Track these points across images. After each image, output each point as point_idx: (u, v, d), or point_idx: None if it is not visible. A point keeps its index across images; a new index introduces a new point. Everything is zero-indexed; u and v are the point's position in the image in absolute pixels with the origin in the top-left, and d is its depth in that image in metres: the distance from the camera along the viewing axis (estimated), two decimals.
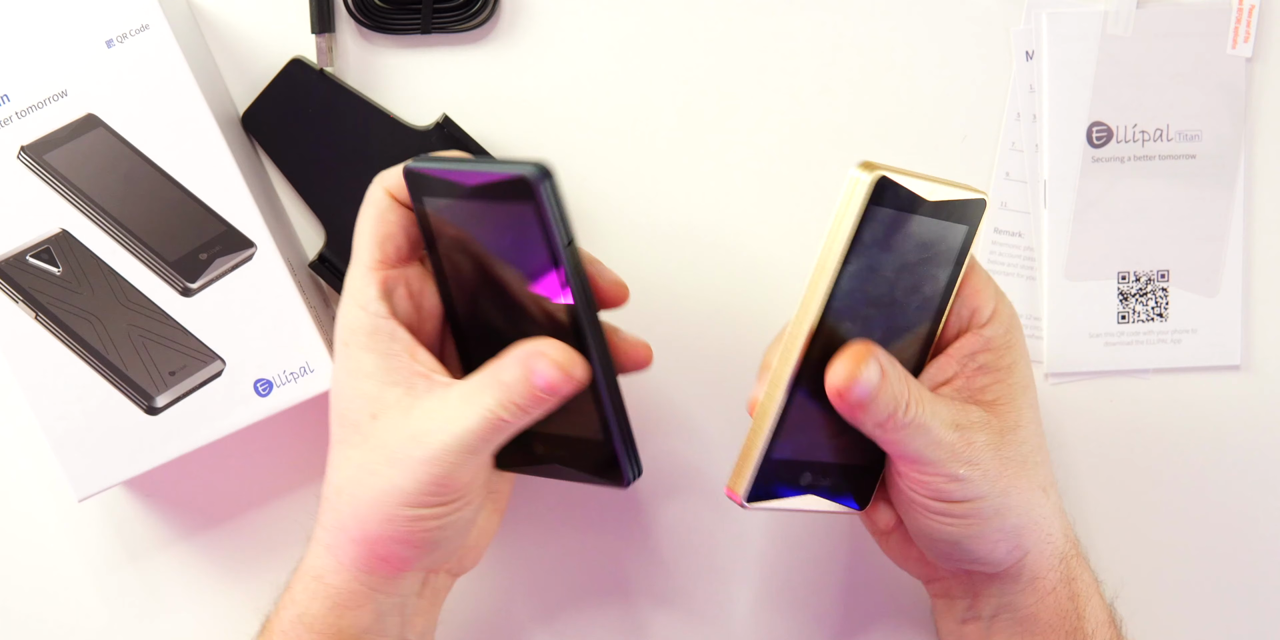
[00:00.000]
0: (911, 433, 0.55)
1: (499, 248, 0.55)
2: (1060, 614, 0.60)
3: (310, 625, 0.58)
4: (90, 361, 0.62)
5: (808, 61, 0.68)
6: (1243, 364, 0.69)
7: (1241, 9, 0.68)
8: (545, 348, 0.55)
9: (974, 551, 0.58)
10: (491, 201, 0.54)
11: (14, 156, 0.61)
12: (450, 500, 0.56)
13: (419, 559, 0.57)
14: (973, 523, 0.57)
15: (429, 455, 0.55)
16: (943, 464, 0.55)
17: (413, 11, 0.66)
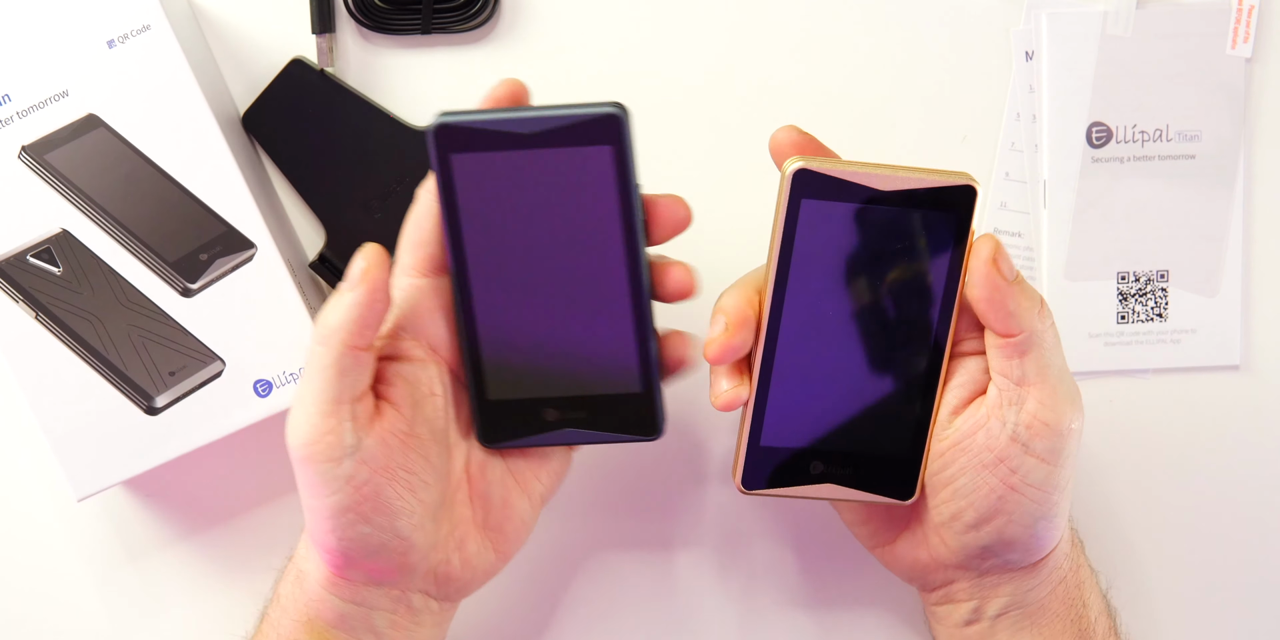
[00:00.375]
0: (1057, 340, 0.56)
1: (552, 196, 0.55)
2: (1068, 603, 0.60)
3: (285, 608, 0.59)
4: (90, 361, 0.62)
5: (808, 61, 0.68)
6: (1242, 364, 0.69)
7: (1241, 9, 0.68)
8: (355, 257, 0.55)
9: (1040, 534, 0.57)
10: (555, 148, 0.54)
11: (15, 156, 0.61)
12: (327, 486, 0.55)
13: (345, 565, 0.57)
14: (1053, 498, 0.56)
15: (288, 432, 0.55)
16: (1071, 401, 0.56)
17: (413, 12, 0.66)
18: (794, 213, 0.55)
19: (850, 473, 0.58)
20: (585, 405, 0.58)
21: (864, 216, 0.55)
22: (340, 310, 0.54)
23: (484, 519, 0.59)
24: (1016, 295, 0.55)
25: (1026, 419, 0.56)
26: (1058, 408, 0.56)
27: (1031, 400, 0.56)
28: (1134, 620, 0.69)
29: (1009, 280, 0.55)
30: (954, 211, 0.55)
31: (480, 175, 0.55)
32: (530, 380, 0.57)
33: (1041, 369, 0.56)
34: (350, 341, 0.54)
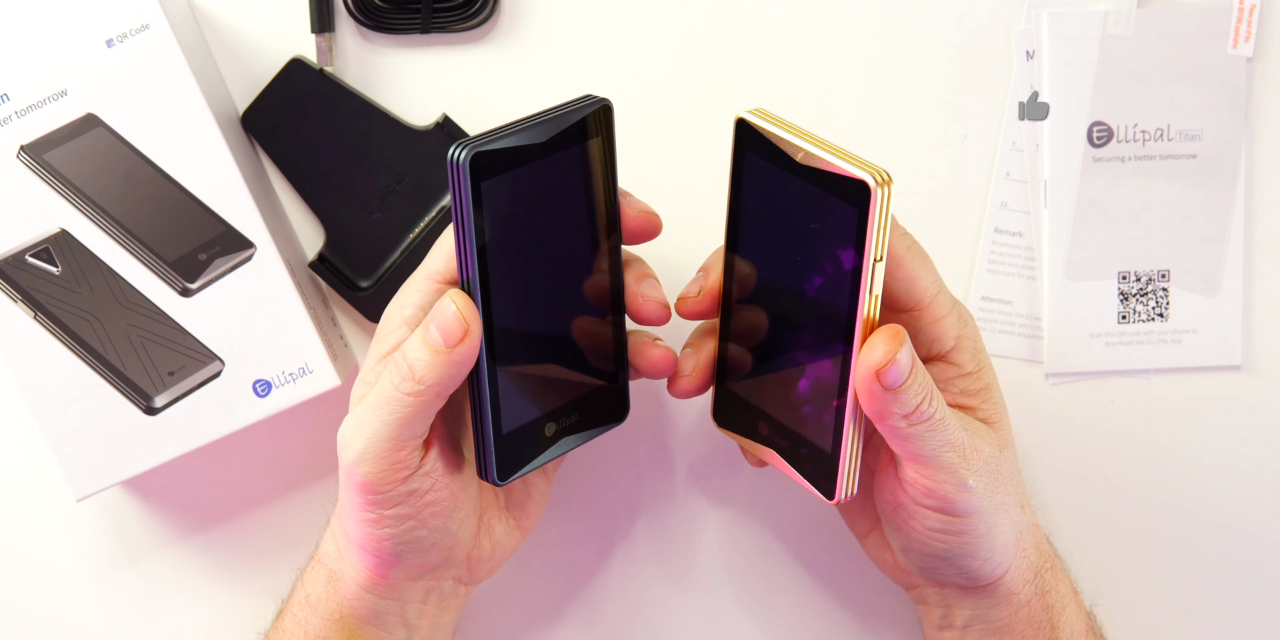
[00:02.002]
0: (932, 428, 0.53)
1: (553, 202, 0.55)
2: (1034, 626, 0.60)
3: (314, 607, 0.60)
4: (89, 361, 0.62)
5: (808, 61, 0.68)
6: (1243, 364, 0.69)
7: (1242, 9, 0.68)
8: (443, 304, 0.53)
9: (963, 567, 0.57)
10: (562, 151, 0.54)
11: (13, 156, 0.61)
12: (390, 502, 0.55)
13: (394, 565, 0.57)
14: (967, 540, 0.56)
15: (349, 461, 0.55)
16: (955, 469, 0.54)
17: (413, 11, 0.66)
18: (741, 162, 0.55)
19: (788, 449, 0.57)
20: (574, 410, 0.58)
21: (790, 187, 0.53)
22: (438, 368, 0.53)
23: (506, 500, 0.61)
24: (889, 404, 0.52)
25: (909, 481, 0.55)
26: (936, 478, 0.54)
27: (909, 471, 0.55)
28: (1132, 621, 0.68)
29: (889, 390, 0.52)
30: (855, 207, 0.51)
31: (503, 194, 0.53)
32: (533, 400, 0.57)
33: (913, 452, 0.54)
34: (443, 395, 0.54)
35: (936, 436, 0.54)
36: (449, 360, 0.53)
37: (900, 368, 0.52)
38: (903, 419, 0.53)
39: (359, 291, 0.66)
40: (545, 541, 0.69)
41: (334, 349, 0.64)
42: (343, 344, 0.67)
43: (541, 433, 0.58)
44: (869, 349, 0.52)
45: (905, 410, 0.52)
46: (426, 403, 0.54)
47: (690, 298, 0.58)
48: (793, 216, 0.54)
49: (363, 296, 0.66)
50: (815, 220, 0.53)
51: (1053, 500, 0.69)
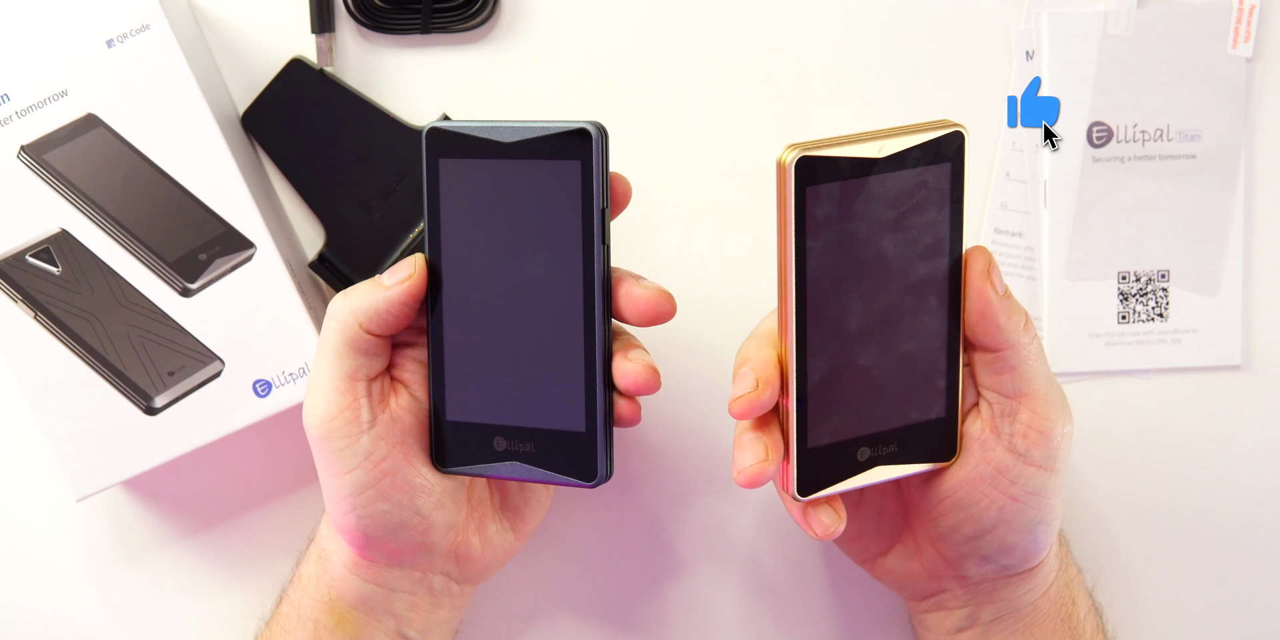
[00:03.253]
0: (1040, 350, 0.56)
1: (523, 209, 0.55)
2: (1059, 602, 0.60)
3: (306, 588, 0.60)
4: (89, 361, 0.62)
5: (808, 61, 0.68)
6: (1243, 364, 0.69)
7: (1242, 9, 0.68)
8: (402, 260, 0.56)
9: (1034, 539, 0.57)
10: (531, 159, 0.55)
11: (14, 156, 0.61)
12: (346, 461, 0.56)
13: (366, 544, 0.57)
14: (1051, 501, 0.57)
15: (305, 411, 0.57)
16: (1063, 405, 0.56)
17: (412, 11, 0.66)
18: (804, 201, 0.52)
19: (894, 451, 0.57)
20: (530, 438, 0.57)
21: (875, 189, 0.53)
22: (368, 298, 0.56)
23: (502, 501, 0.61)
24: (1006, 310, 0.55)
25: (1021, 430, 0.56)
26: (1050, 416, 0.56)
27: (1024, 411, 0.56)
28: (1131, 620, 0.68)
29: (1000, 295, 0.55)
30: (950, 160, 0.54)
31: (463, 180, 0.56)
32: (486, 404, 0.57)
33: (1030, 380, 0.55)
34: (367, 326, 0.56)
35: (1045, 364, 0.56)
36: (383, 294, 0.56)
37: (1000, 273, 0.55)
38: (1024, 332, 0.55)
39: None
40: (549, 546, 0.69)
41: None
42: None
43: (490, 443, 0.57)
44: (973, 263, 0.55)
45: (1021, 319, 0.55)
46: (350, 330, 0.55)
47: (749, 393, 0.53)
48: (880, 219, 0.54)
49: None
50: (906, 204, 0.54)
51: None
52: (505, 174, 0.55)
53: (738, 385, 0.54)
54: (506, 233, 0.56)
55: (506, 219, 0.56)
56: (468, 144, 0.55)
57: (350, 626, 0.59)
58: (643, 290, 0.55)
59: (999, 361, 0.55)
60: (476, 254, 0.56)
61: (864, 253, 0.54)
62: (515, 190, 0.55)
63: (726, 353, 0.67)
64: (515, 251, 0.56)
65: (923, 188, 0.54)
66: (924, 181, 0.54)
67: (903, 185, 0.54)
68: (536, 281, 0.56)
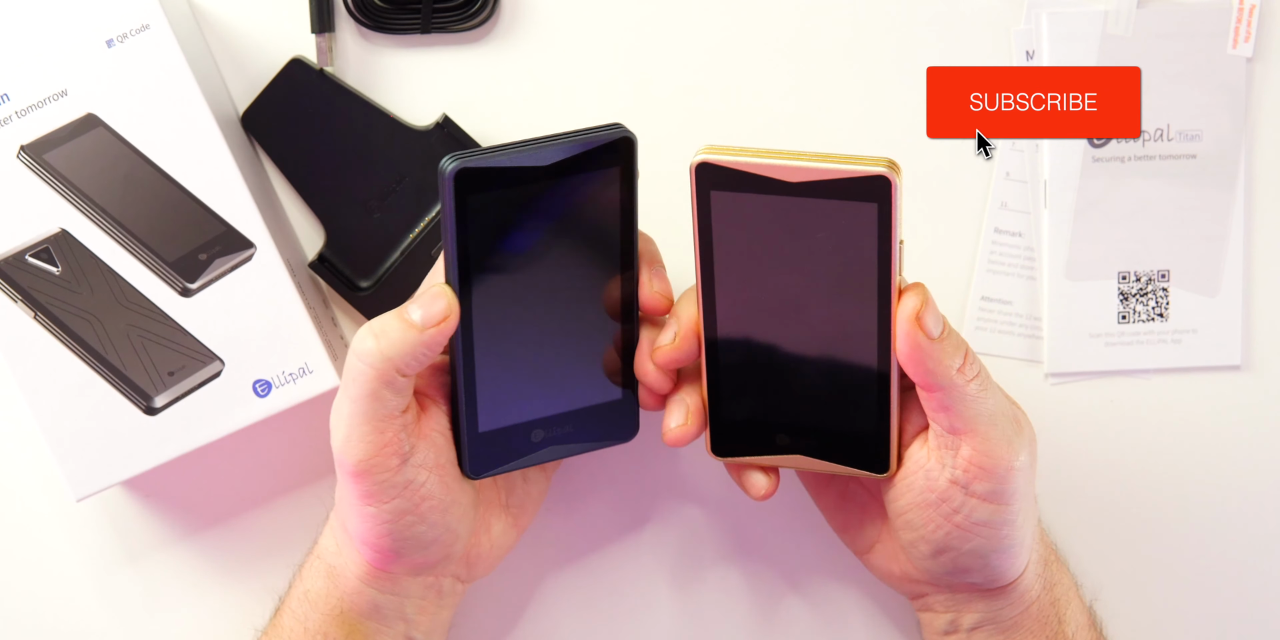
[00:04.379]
0: (984, 387, 0.54)
1: (559, 223, 0.56)
2: (1042, 621, 0.60)
3: (314, 603, 0.60)
4: (89, 361, 0.62)
5: (808, 61, 0.68)
6: (1243, 364, 0.69)
7: (1242, 9, 0.68)
8: (432, 291, 0.55)
9: (993, 565, 0.57)
10: (567, 177, 0.55)
11: (14, 156, 0.61)
12: (387, 494, 0.55)
13: (394, 561, 0.58)
14: (1006, 532, 0.56)
15: (337, 446, 0.56)
16: (1010, 441, 0.55)
17: (413, 11, 0.66)
18: (705, 206, 0.54)
19: (819, 446, 0.58)
20: (570, 421, 0.59)
21: (776, 208, 0.54)
22: (404, 343, 0.54)
23: (506, 498, 0.61)
24: (937, 353, 0.53)
25: (963, 463, 0.55)
26: (992, 452, 0.55)
27: (965, 447, 0.55)
28: (1132, 620, 0.68)
29: (932, 338, 0.53)
30: (875, 202, 0.53)
31: (492, 210, 0.54)
32: (520, 405, 0.58)
33: (969, 419, 0.54)
34: (403, 371, 0.55)
35: (990, 399, 0.54)
36: (419, 339, 0.54)
37: (935, 313, 0.53)
38: (958, 374, 0.54)
39: (359, 291, 0.66)
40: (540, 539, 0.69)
41: (334, 349, 0.64)
42: (343, 344, 0.67)
43: (526, 439, 0.58)
44: (903, 305, 0.53)
45: (956, 361, 0.54)
46: (386, 376, 0.54)
47: (666, 345, 0.57)
48: (789, 234, 0.54)
49: (363, 296, 0.66)
50: (822, 229, 0.54)
51: (1052, 500, 0.69)
52: (539, 195, 0.55)
53: (662, 335, 0.57)
54: (535, 243, 0.56)
55: (535, 232, 0.56)
56: (499, 177, 0.54)
57: (360, 636, 0.59)
58: (649, 289, 0.58)
59: (933, 400, 0.55)
60: (502, 268, 0.56)
61: (780, 267, 0.55)
62: (549, 204, 0.55)
63: None
64: (544, 256, 0.56)
65: (844, 221, 0.53)
66: (847, 216, 0.53)
67: (819, 215, 0.53)
68: (569, 278, 0.57)
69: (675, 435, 0.58)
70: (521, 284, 0.56)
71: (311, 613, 0.60)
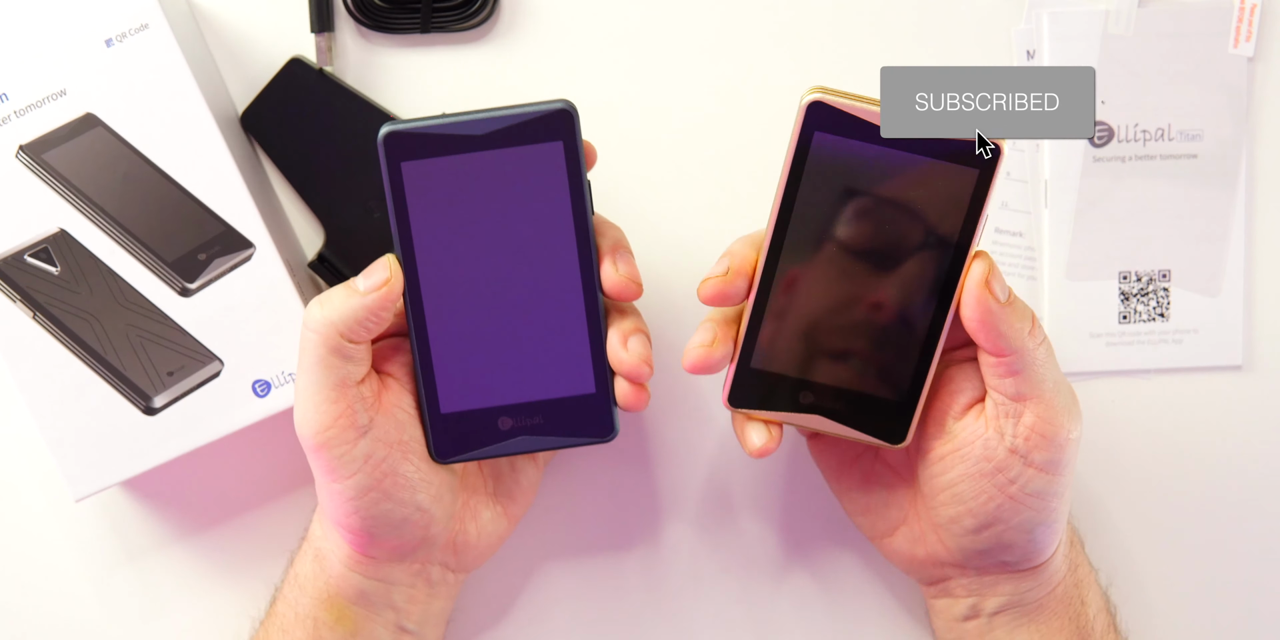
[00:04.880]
0: (1049, 353, 0.55)
1: (504, 199, 0.56)
2: (1066, 601, 0.60)
3: (303, 587, 0.60)
4: (88, 361, 0.61)
5: (808, 61, 0.68)
6: (1244, 364, 0.69)
7: (1243, 8, 0.68)
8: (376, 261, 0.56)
9: (1034, 541, 0.57)
10: (506, 148, 0.55)
11: (13, 156, 0.61)
12: (347, 467, 0.55)
13: (370, 543, 0.58)
14: (1055, 504, 0.57)
15: (297, 421, 0.56)
16: (1070, 410, 0.56)
17: (412, 11, 0.66)
18: (804, 146, 0.55)
19: (841, 409, 0.58)
20: (538, 411, 0.58)
21: (872, 158, 0.55)
22: (346, 306, 0.55)
23: (495, 487, 0.61)
24: (1008, 317, 0.54)
25: (1024, 432, 0.56)
26: (1055, 420, 0.55)
27: (1029, 413, 0.55)
28: (1134, 619, 0.68)
29: (1001, 302, 0.54)
30: (978, 168, 0.54)
31: (431, 180, 0.55)
32: (484, 389, 0.58)
33: (1036, 384, 0.55)
34: (347, 335, 0.55)
35: (1054, 367, 0.55)
36: (360, 302, 0.55)
37: (1001, 279, 0.54)
38: (1029, 337, 0.54)
39: None
40: (540, 533, 0.69)
41: None
42: None
43: (494, 425, 0.58)
44: (972, 271, 0.54)
45: (1025, 324, 0.54)
46: (332, 341, 0.55)
47: (716, 278, 0.56)
48: (885, 187, 0.55)
49: None
50: (921, 187, 0.54)
51: None
52: (481, 165, 0.55)
53: (713, 268, 0.56)
54: (484, 222, 0.56)
55: (484, 211, 0.56)
56: (433, 144, 0.55)
57: (350, 622, 0.59)
58: (614, 274, 0.57)
59: (1003, 366, 0.55)
60: (453, 247, 0.56)
61: (861, 218, 0.55)
62: (493, 181, 0.55)
63: None
64: (497, 237, 0.56)
65: (943, 182, 0.55)
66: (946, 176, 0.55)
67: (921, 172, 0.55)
68: (526, 262, 0.56)
69: (695, 355, 0.56)
70: (474, 260, 0.56)
71: (301, 596, 0.60)
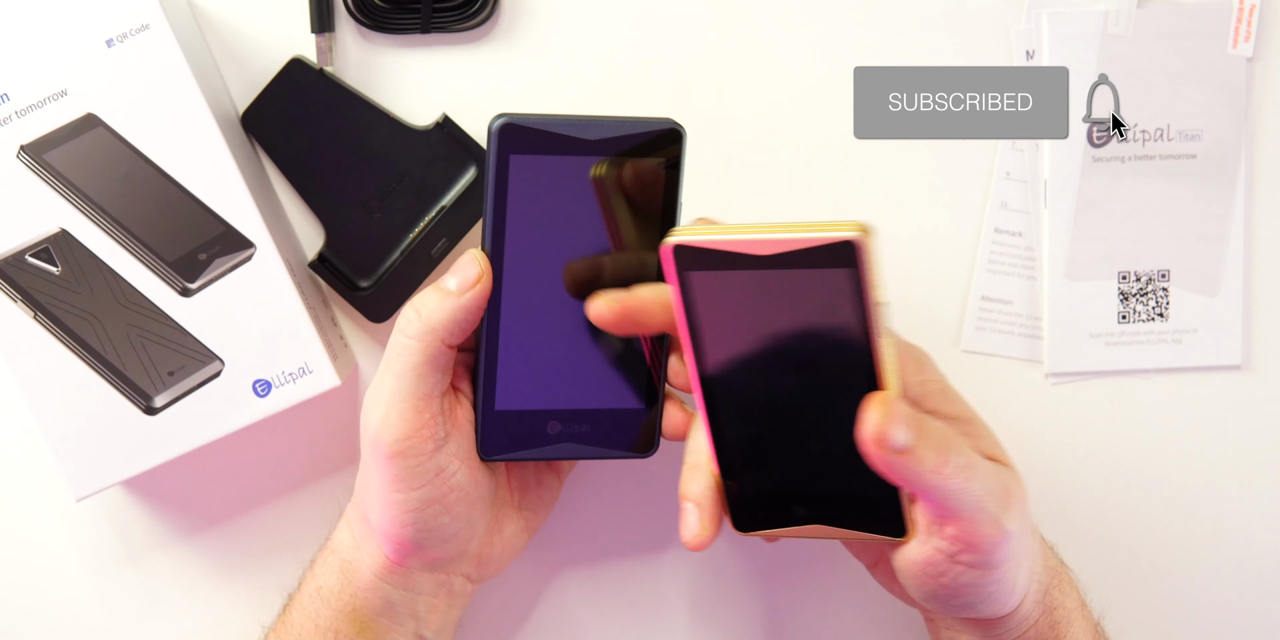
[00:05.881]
0: (970, 477, 0.52)
1: (595, 205, 0.56)
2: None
3: (326, 599, 0.60)
4: (89, 361, 0.62)
5: (808, 62, 0.68)
6: (1243, 364, 0.69)
7: (1242, 9, 0.68)
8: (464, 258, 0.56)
9: (983, 609, 0.56)
10: (615, 157, 0.55)
11: (13, 156, 0.61)
12: (418, 480, 0.55)
13: (413, 554, 0.58)
14: (996, 589, 0.55)
15: (373, 428, 0.56)
16: (997, 519, 0.53)
17: (412, 11, 0.66)
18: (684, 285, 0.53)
19: (837, 515, 0.56)
20: (588, 419, 0.59)
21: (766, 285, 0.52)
22: (444, 310, 0.55)
23: (520, 500, 0.62)
24: (911, 465, 0.51)
25: (949, 537, 0.54)
26: (979, 532, 0.53)
27: (950, 527, 0.53)
28: (1134, 619, 0.68)
29: (902, 453, 0.51)
30: (849, 267, 0.50)
31: (534, 177, 0.56)
32: (540, 391, 0.58)
33: (954, 509, 0.53)
34: (448, 341, 0.55)
35: (976, 483, 0.52)
36: (457, 304, 0.55)
37: (901, 422, 0.51)
38: (935, 474, 0.51)
39: (359, 291, 0.66)
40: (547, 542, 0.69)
41: (334, 349, 0.64)
42: (343, 344, 0.67)
43: (543, 428, 0.58)
44: (864, 424, 0.51)
45: (932, 463, 0.51)
46: (432, 348, 0.55)
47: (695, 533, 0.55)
48: (766, 306, 0.52)
49: (363, 296, 0.66)
50: (803, 299, 0.52)
51: (1052, 501, 0.69)
52: (583, 168, 0.56)
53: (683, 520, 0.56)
54: (569, 225, 0.56)
55: (572, 212, 0.56)
56: (546, 140, 0.55)
57: (371, 633, 0.59)
58: None
59: (918, 496, 0.53)
60: (536, 246, 0.57)
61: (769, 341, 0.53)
62: (591, 184, 0.56)
63: None
64: (583, 240, 0.56)
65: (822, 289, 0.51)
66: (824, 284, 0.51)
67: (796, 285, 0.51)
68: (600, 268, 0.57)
69: (695, 543, 0.55)
70: (556, 263, 0.57)
71: (324, 609, 0.60)
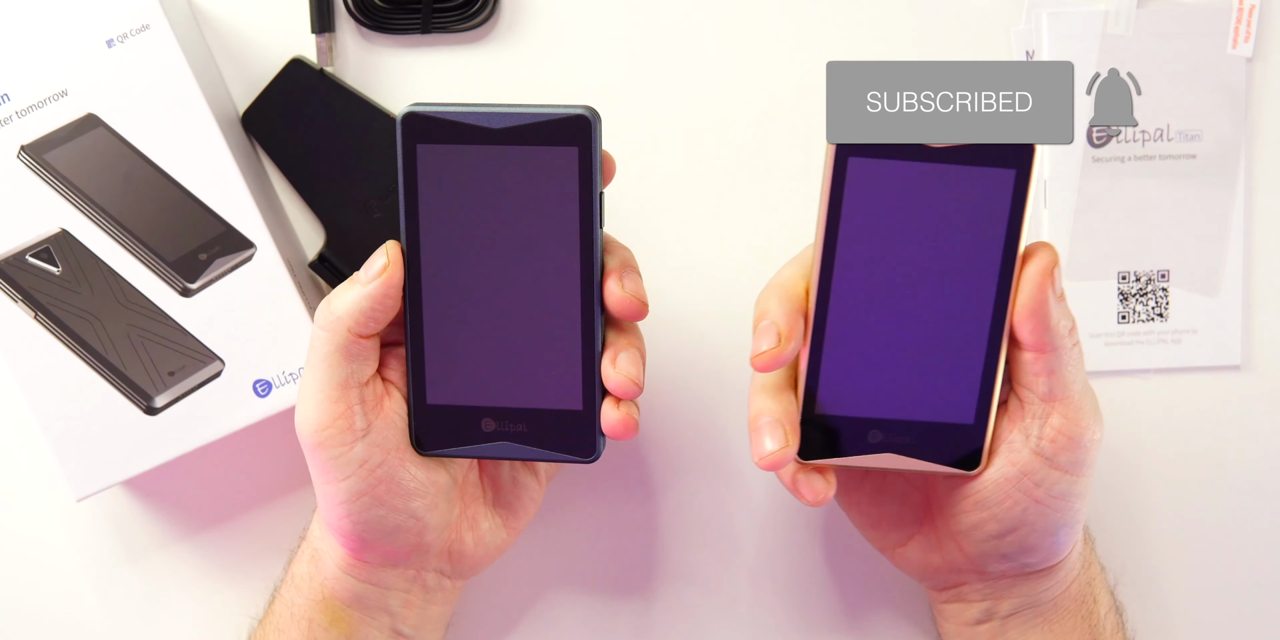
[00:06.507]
0: (1080, 355, 0.55)
1: (514, 198, 0.55)
2: (1080, 599, 0.60)
3: (299, 587, 0.60)
4: (89, 361, 0.62)
5: (808, 62, 0.68)
6: (1243, 364, 0.69)
7: (1242, 9, 0.68)
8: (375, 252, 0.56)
9: (1055, 542, 0.57)
10: (521, 145, 0.54)
11: (14, 156, 0.61)
12: (342, 469, 0.55)
13: (362, 548, 0.57)
14: (1077, 505, 0.56)
15: (298, 419, 0.56)
16: (1095, 411, 0.56)
17: (413, 11, 0.66)
18: (840, 175, 0.54)
19: (912, 443, 0.56)
20: (523, 418, 0.57)
21: (914, 178, 0.53)
22: (350, 299, 0.55)
23: (494, 498, 0.61)
24: (1058, 313, 0.54)
25: (1050, 434, 0.55)
26: (1081, 422, 0.55)
27: (1056, 415, 0.55)
28: (1137, 618, 0.68)
29: (1057, 296, 0.54)
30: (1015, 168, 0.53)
31: (444, 167, 0.55)
32: (472, 386, 0.57)
33: (1066, 386, 0.55)
34: (356, 330, 0.55)
35: (1082, 372, 0.55)
36: (363, 292, 0.55)
37: (1061, 278, 0.54)
38: (1068, 336, 0.54)
39: None
40: (541, 540, 0.69)
41: None
42: None
43: (477, 425, 0.57)
44: (1038, 259, 0.54)
45: (1068, 323, 0.54)
46: (340, 337, 0.55)
47: (770, 350, 0.54)
48: (921, 202, 0.54)
49: None
50: (957, 195, 0.54)
51: None
52: (494, 160, 0.55)
53: (759, 339, 0.55)
54: (492, 218, 0.55)
55: (491, 204, 0.55)
56: (451, 130, 0.55)
57: (345, 624, 0.59)
58: (619, 291, 0.55)
59: (1038, 363, 0.55)
60: (458, 239, 0.56)
61: (905, 241, 0.54)
62: (505, 177, 0.55)
63: (721, 339, 0.67)
64: (503, 236, 0.55)
65: (981, 189, 0.54)
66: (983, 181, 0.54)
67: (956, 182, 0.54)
68: (528, 265, 0.56)
69: (773, 460, 0.54)
70: (476, 256, 0.56)
71: (297, 597, 0.60)
